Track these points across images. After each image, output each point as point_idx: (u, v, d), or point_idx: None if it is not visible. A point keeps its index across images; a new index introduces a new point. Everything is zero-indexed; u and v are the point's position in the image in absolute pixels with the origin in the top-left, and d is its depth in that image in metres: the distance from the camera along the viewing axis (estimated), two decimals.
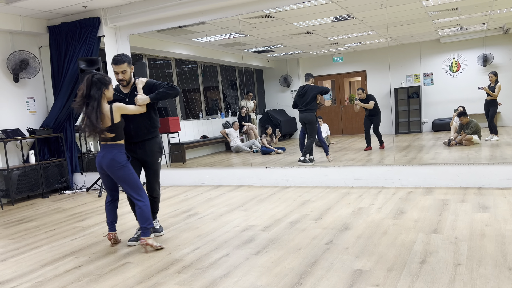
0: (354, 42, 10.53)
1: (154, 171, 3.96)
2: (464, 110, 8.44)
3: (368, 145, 8.53)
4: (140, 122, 3.80)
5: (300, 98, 7.24)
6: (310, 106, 7.12)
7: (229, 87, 12.45)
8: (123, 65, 3.72)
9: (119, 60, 3.71)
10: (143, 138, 3.84)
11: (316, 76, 11.28)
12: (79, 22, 6.99)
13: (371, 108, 8.50)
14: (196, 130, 10.39)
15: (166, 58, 9.92)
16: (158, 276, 3.13)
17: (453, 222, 3.83)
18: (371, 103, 8.48)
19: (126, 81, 3.77)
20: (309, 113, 7.14)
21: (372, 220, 4.11)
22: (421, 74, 10.88)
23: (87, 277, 3.24)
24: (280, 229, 4.07)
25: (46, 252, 3.96)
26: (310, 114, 7.14)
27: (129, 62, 3.77)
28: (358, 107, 8.66)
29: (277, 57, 12.22)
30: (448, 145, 8.08)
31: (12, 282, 3.26)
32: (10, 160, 6.88)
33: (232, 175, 6.67)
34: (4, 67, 6.97)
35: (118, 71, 3.72)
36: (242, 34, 8.96)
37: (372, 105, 8.47)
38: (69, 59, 7.10)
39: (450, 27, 9.51)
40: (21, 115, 7.22)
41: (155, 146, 3.91)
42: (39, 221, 5.27)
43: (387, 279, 2.75)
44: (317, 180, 6.06)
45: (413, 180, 5.50)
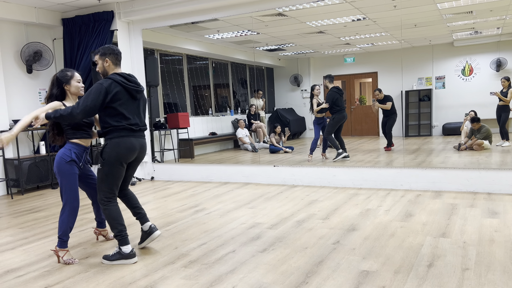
0: (366, 43, 10.48)
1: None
2: (476, 115, 8.36)
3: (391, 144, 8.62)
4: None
5: (341, 97, 7.50)
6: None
7: (239, 85, 12.45)
8: (95, 56, 3.50)
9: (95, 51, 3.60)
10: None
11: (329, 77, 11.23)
12: (93, 16, 7.03)
13: (389, 108, 8.56)
14: (205, 126, 10.41)
15: (178, 54, 9.95)
16: (165, 270, 3.15)
17: (462, 227, 3.80)
18: (388, 103, 8.58)
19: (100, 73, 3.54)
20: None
21: (379, 222, 4.09)
22: (433, 77, 10.79)
23: (94, 268, 3.26)
24: (287, 227, 4.07)
25: (54, 242, 4.00)
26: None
27: (101, 54, 3.44)
28: (376, 108, 8.74)
29: (288, 56, 12.20)
30: (458, 149, 8.01)
31: (21, 271, 3.29)
32: (21, 150, 6.95)
33: (240, 172, 6.67)
34: (18, 58, 7.03)
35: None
36: (254, 32, 8.96)
37: (389, 106, 8.55)
38: (82, 52, 7.15)
39: (464, 31, 9.42)
40: (33, 106, 7.29)
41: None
42: (48, 212, 5.32)
43: (394, 281, 2.74)
44: (325, 180, 6.04)
45: (422, 183, 5.47)
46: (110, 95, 3.27)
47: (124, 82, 3.35)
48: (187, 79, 10.25)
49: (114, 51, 3.45)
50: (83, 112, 3.20)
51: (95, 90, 3.25)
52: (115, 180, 3.39)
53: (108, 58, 3.42)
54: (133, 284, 2.91)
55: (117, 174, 3.37)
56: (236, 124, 11.01)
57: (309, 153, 7.53)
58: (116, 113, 3.32)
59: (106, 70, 3.45)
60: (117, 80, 3.32)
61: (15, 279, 3.12)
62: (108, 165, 3.32)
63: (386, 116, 8.69)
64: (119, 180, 3.43)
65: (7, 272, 3.29)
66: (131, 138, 3.39)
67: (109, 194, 3.39)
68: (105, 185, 3.37)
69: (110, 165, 3.32)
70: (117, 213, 3.40)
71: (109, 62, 3.43)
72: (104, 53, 3.43)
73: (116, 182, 3.41)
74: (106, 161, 3.32)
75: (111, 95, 3.27)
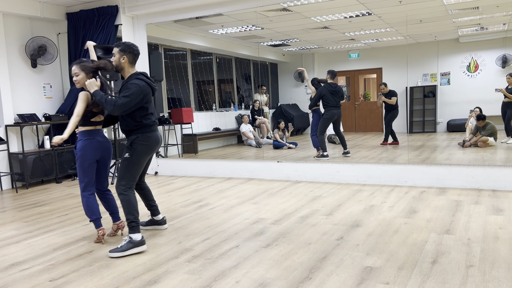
0: (371, 39, 10.42)
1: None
2: (481, 112, 8.32)
3: (394, 140, 8.59)
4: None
5: (333, 95, 7.39)
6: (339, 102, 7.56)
7: (243, 80, 12.43)
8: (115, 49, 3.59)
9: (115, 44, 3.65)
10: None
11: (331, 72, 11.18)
12: (97, 10, 7.03)
13: (394, 103, 8.54)
14: (209, 122, 10.41)
15: (182, 49, 9.93)
16: (168, 264, 3.16)
17: (466, 224, 3.79)
18: (393, 98, 8.58)
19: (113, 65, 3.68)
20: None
21: (383, 218, 4.08)
22: (438, 73, 10.73)
23: (98, 262, 3.28)
24: (291, 223, 4.07)
25: (59, 236, 4.02)
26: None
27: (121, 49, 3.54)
28: (381, 102, 8.71)
29: (292, 52, 12.15)
30: (462, 146, 7.98)
31: (25, 264, 3.31)
32: (25, 144, 6.98)
33: (244, 167, 6.67)
34: (22, 53, 7.04)
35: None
36: (258, 27, 8.92)
37: (395, 101, 8.54)
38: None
39: (470, 27, 9.35)
40: (38, 100, 7.31)
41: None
42: (52, 206, 5.34)
43: (398, 278, 2.73)
44: (328, 176, 6.03)
45: (426, 180, 5.45)
46: (145, 98, 3.53)
47: (151, 84, 3.63)
48: (191, 74, 10.24)
49: (134, 51, 3.61)
50: (122, 107, 3.40)
51: (136, 91, 3.44)
52: (139, 170, 3.63)
53: (126, 56, 3.58)
54: (137, 279, 2.92)
55: (142, 164, 3.63)
56: (240, 120, 11.00)
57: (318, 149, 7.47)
58: (146, 112, 3.59)
59: (121, 65, 3.60)
60: (147, 82, 3.59)
61: (20, 272, 3.14)
62: (137, 155, 3.56)
63: (388, 111, 8.71)
64: (141, 170, 3.68)
65: (12, 265, 3.30)
66: (156, 132, 3.69)
67: (131, 182, 3.59)
68: (130, 174, 3.58)
69: (139, 155, 3.57)
70: (136, 201, 3.57)
71: (126, 60, 3.58)
72: (124, 49, 3.57)
73: (139, 172, 3.65)
74: (136, 151, 3.55)
75: (145, 97, 3.53)
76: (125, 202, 3.51)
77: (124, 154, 3.60)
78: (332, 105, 7.37)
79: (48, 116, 7.03)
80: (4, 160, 6.68)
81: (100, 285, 2.84)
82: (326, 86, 7.41)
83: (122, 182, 3.55)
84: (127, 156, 3.56)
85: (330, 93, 7.37)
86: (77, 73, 3.61)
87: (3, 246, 3.80)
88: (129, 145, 3.58)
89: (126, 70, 3.60)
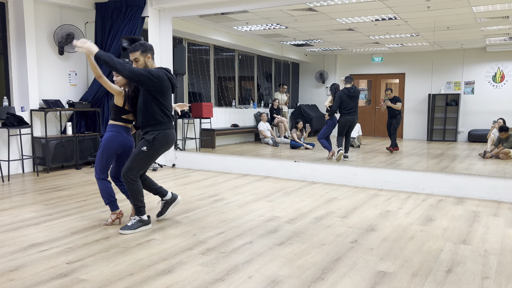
0: (395, 43, 10.31)
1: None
2: (505, 123, 8.16)
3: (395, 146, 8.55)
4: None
5: (351, 99, 7.35)
6: (356, 108, 7.52)
7: (264, 78, 12.44)
8: (136, 53, 3.69)
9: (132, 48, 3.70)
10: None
11: (353, 75, 11.12)
12: (125, 1, 7.13)
13: (399, 109, 8.52)
14: (227, 118, 10.46)
15: (205, 44, 10.00)
16: (182, 255, 3.20)
17: (484, 235, 3.74)
18: (398, 104, 8.56)
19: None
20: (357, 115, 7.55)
21: (399, 224, 4.05)
22: (462, 82, 10.56)
23: (114, 248, 3.34)
24: (305, 223, 4.07)
25: (77, 220, 4.10)
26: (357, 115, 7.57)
27: (142, 51, 3.68)
28: (385, 107, 8.66)
29: (315, 52, 12.11)
30: (483, 157, 7.84)
31: (44, 246, 3.39)
32: (48, 129, 7.13)
33: (260, 165, 6.69)
34: (51, 40, 7.19)
35: (131, 59, 3.76)
36: (283, 25, 8.92)
37: (399, 106, 8.51)
38: (113, 36, 7.26)
39: (498, 36, 9.18)
40: (63, 87, 7.45)
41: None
42: (72, 191, 5.45)
43: (411, 284, 2.71)
44: (345, 179, 6.01)
45: (444, 188, 5.38)
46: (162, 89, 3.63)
47: (172, 79, 3.74)
48: (213, 70, 10.30)
49: (152, 47, 3.76)
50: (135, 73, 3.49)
51: (156, 75, 3.58)
52: (149, 164, 3.79)
53: (149, 54, 3.72)
54: (151, 267, 2.97)
55: (155, 159, 3.79)
56: (258, 118, 11.02)
57: (330, 150, 7.49)
58: (164, 109, 3.70)
59: (148, 65, 3.72)
60: (169, 77, 3.71)
61: (38, 253, 3.22)
62: (154, 151, 3.70)
63: (392, 117, 8.67)
64: (151, 165, 3.84)
65: (31, 245, 3.39)
66: (173, 130, 3.83)
67: (140, 172, 3.76)
68: (140, 166, 3.72)
69: (155, 151, 3.71)
70: (142, 189, 3.83)
71: (150, 57, 3.73)
72: (144, 50, 3.70)
73: (149, 165, 3.82)
74: (154, 147, 3.68)
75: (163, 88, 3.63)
76: (133, 191, 3.75)
77: (141, 146, 3.69)
78: (347, 111, 7.37)
79: (72, 103, 7.16)
80: (27, 143, 6.83)
81: (115, 271, 2.90)
82: (344, 90, 7.41)
83: (133, 172, 3.71)
84: (145, 150, 3.68)
85: (348, 97, 7.37)
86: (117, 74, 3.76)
87: (23, 227, 3.90)
88: (149, 139, 3.67)
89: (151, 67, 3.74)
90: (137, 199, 3.78)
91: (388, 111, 8.71)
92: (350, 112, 7.38)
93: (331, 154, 7.41)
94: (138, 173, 3.73)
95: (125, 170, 3.71)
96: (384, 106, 8.66)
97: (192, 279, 2.76)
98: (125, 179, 3.72)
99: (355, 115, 7.44)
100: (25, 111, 6.79)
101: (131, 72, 3.50)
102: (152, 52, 3.74)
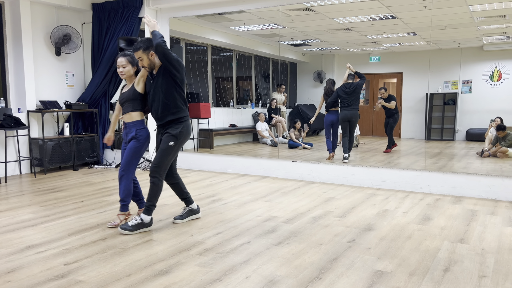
0: (393, 43, 10.32)
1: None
2: (502, 122, 8.17)
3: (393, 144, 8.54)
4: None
5: (348, 95, 7.31)
6: (356, 103, 7.39)
7: (262, 78, 12.43)
8: (138, 53, 3.65)
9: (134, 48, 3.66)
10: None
11: (351, 75, 11.11)
12: (122, 2, 7.12)
13: (393, 108, 8.50)
14: (225, 118, 10.45)
15: (203, 44, 9.99)
16: (180, 256, 3.19)
17: (481, 234, 3.74)
18: (393, 103, 8.54)
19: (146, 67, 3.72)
20: (356, 110, 7.42)
21: (397, 223, 4.05)
22: (460, 81, 10.56)
23: (112, 249, 3.33)
24: (303, 223, 4.07)
25: (74, 222, 4.09)
26: (356, 111, 7.43)
27: (144, 49, 3.61)
28: (379, 106, 8.64)
29: (312, 52, 12.11)
30: (481, 155, 7.86)
31: (41, 247, 3.38)
32: (46, 131, 7.11)
33: (258, 165, 6.69)
34: (47, 40, 7.17)
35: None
36: (280, 25, 8.92)
37: (394, 105, 8.49)
38: (110, 37, 7.25)
39: (495, 35, 9.19)
40: (60, 88, 7.44)
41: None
42: (69, 192, 5.44)
43: (408, 283, 2.72)
44: (343, 178, 6.01)
45: (442, 188, 5.39)
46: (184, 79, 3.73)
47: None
48: (211, 70, 10.30)
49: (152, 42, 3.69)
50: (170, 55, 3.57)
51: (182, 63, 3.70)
52: (174, 158, 3.84)
53: (152, 51, 3.63)
54: (148, 268, 2.96)
55: (178, 152, 3.84)
56: (256, 118, 11.02)
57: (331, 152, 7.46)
58: (184, 99, 3.74)
59: (153, 62, 3.68)
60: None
61: (35, 255, 3.21)
62: (180, 144, 3.74)
63: (389, 116, 8.66)
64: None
65: (28, 247, 3.38)
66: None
67: (166, 171, 3.77)
68: (169, 161, 3.74)
69: (180, 144, 3.76)
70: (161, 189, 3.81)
71: (154, 54, 3.65)
72: (146, 47, 3.63)
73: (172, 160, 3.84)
74: (179, 141, 3.72)
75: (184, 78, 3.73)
76: (157, 189, 3.73)
77: (168, 141, 3.69)
78: (344, 106, 7.35)
79: (69, 104, 7.15)
80: (24, 144, 6.82)
81: (112, 272, 2.89)
82: (342, 86, 7.42)
83: (163, 168, 3.72)
84: (172, 145, 3.70)
85: (344, 93, 7.36)
86: (124, 65, 3.77)
87: (20, 228, 3.89)
88: (176, 134, 3.69)
89: (157, 62, 3.70)
90: (155, 197, 3.74)
91: (385, 110, 8.71)
92: (345, 107, 7.34)
93: (331, 156, 7.39)
94: (166, 169, 3.75)
95: (155, 168, 3.69)
96: (379, 105, 8.65)
97: (189, 280, 2.76)
98: (154, 177, 3.70)
99: (352, 111, 7.29)
100: (22, 112, 6.78)
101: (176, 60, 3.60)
102: (153, 48, 3.62)
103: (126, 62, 3.77)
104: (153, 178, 3.70)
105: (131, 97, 3.76)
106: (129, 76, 3.82)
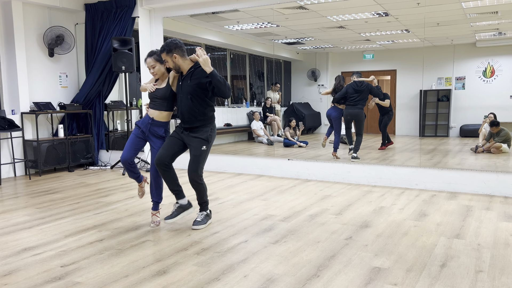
0: (386, 40, 10.36)
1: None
2: (496, 118, 8.23)
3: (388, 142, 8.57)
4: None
5: (357, 93, 7.32)
6: (363, 103, 7.39)
7: (256, 77, 12.44)
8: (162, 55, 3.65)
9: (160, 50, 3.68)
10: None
11: (345, 72, 11.14)
12: (115, 2, 7.09)
13: (388, 106, 8.53)
14: (220, 117, 10.44)
15: (197, 44, 9.96)
16: (177, 256, 3.19)
17: (477, 229, 3.77)
18: (387, 101, 8.56)
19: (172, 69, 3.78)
20: (361, 109, 7.40)
21: (393, 220, 4.07)
22: (453, 77, 10.61)
23: (109, 250, 3.32)
24: (300, 221, 4.08)
25: (70, 223, 4.08)
26: (362, 110, 7.40)
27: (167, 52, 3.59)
28: (373, 104, 8.66)
29: (306, 50, 12.13)
30: (475, 151, 7.90)
31: (37, 249, 3.37)
32: (40, 132, 7.07)
33: (254, 164, 6.69)
34: (40, 42, 7.13)
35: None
36: (274, 24, 8.92)
37: (388, 103, 8.52)
38: (103, 37, 7.21)
39: (488, 31, 9.25)
40: (53, 89, 7.39)
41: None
42: (64, 194, 5.41)
43: (406, 279, 2.73)
44: (339, 176, 6.02)
45: (437, 184, 5.42)
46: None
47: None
48: None
49: (178, 43, 3.62)
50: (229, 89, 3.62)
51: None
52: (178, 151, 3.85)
53: (175, 53, 3.59)
54: (146, 268, 2.95)
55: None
56: (251, 116, 11.02)
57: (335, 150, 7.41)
58: (212, 106, 3.77)
59: (177, 64, 3.64)
60: None
61: (32, 257, 3.19)
62: (210, 146, 3.82)
63: (383, 114, 8.69)
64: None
65: (25, 249, 3.36)
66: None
67: (203, 172, 3.89)
68: (203, 165, 3.81)
69: (211, 146, 3.83)
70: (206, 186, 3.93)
71: (178, 56, 3.61)
72: (169, 50, 3.59)
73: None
74: (210, 143, 3.78)
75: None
76: (203, 190, 3.86)
77: (200, 146, 3.71)
78: (348, 104, 7.37)
79: (63, 105, 7.11)
80: (18, 147, 6.78)
81: (110, 273, 2.89)
82: (352, 84, 7.42)
83: (200, 173, 3.78)
84: (205, 149, 3.74)
85: (354, 91, 7.37)
86: (153, 65, 3.76)
87: (16, 231, 3.87)
88: (206, 138, 3.73)
89: (183, 64, 3.66)
90: (205, 195, 3.90)
91: (378, 108, 8.75)
92: (350, 105, 7.35)
93: (333, 154, 7.35)
94: (202, 172, 3.81)
95: (193, 173, 3.72)
96: (373, 103, 8.67)
97: (187, 280, 2.76)
98: (194, 181, 3.75)
99: (356, 109, 7.27)
100: (16, 114, 6.74)
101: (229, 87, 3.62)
102: (179, 50, 3.59)
103: (154, 61, 3.76)
104: (195, 185, 3.78)
105: (167, 96, 3.78)
106: (161, 74, 3.83)
